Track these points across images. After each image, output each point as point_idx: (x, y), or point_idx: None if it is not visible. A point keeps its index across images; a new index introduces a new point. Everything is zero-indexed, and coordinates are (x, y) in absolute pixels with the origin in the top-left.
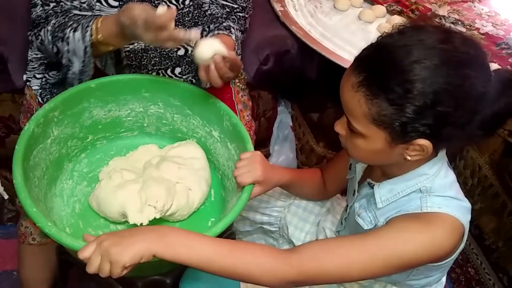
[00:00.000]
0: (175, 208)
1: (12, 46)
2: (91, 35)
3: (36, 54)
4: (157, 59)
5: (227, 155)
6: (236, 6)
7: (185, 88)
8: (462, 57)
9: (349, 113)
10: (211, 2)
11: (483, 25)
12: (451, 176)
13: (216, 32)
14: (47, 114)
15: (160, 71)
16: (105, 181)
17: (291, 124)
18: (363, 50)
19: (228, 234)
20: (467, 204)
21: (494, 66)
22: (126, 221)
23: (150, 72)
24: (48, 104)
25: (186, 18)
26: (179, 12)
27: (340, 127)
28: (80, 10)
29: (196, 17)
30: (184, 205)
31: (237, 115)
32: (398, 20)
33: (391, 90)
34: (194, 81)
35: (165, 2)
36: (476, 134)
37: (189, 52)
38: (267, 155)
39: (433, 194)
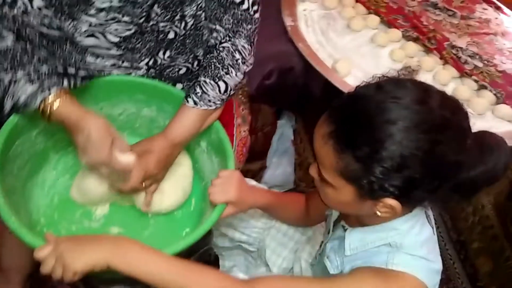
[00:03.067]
0: None
1: None
2: (42, 101)
3: None
4: (152, 43)
5: (211, 168)
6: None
7: (179, 95)
8: (436, 121)
9: (319, 161)
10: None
11: (502, 62)
12: (426, 233)
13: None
14: None
15: (152, 56)
16: (83, 170)
17: (292, 138)
18: (339, 98)
19: (205, 249)
20: (437, 265)
21: (505, 109)
22: (102, 216)
23: (143, 57)
24: None
25: (187, 41)
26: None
27: (313, 172)
28: (48, 28)
29: (197, 40)
30: (155, 197)
31: (233, 128)
32: (412, 47)
33: (359, 148)
34: (185, 67)
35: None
36: (451, 197)
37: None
38: (264, 168)
39: (402, 251)
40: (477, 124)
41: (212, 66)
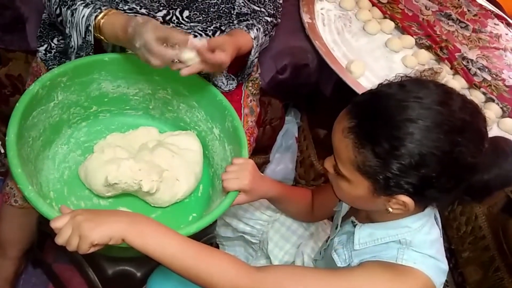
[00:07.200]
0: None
1: (33, 7)
2: (96, 17)
3: (46, 17)
4: None
5: (222, 155)
6: (264, 10)
7: (196, 80)
8: (457, 123)
9: (337, 155)
10: (243, 4)
11: (509, 77)
12: (435, 233)
13: (236, 27)
14: (54, 78)
15: (170, 11)
16: (97, 154)
17: (296, 135)
18: (361, 94)
19: (208, 238)
20: (444, 266)
21: (511, 122)
22: (110, 197)
23: (161, 7)
24: (58, 68)
25: (212, 9)
26: (206, 1)
27: (328, 165)
28: None
29: (221, 11)
30: (167, 193)
31: (241, 118)
32: (425, 54)
33: (378, 143)
34: (199, 34)
35: None
36: (463, 198)
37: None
38: (267, 162)
39: (411, 248)
40: None
41: (264, 22)
